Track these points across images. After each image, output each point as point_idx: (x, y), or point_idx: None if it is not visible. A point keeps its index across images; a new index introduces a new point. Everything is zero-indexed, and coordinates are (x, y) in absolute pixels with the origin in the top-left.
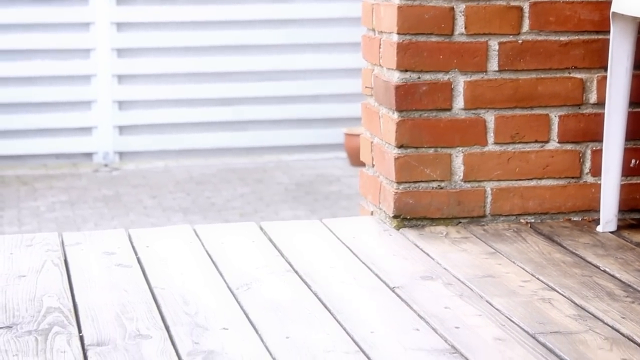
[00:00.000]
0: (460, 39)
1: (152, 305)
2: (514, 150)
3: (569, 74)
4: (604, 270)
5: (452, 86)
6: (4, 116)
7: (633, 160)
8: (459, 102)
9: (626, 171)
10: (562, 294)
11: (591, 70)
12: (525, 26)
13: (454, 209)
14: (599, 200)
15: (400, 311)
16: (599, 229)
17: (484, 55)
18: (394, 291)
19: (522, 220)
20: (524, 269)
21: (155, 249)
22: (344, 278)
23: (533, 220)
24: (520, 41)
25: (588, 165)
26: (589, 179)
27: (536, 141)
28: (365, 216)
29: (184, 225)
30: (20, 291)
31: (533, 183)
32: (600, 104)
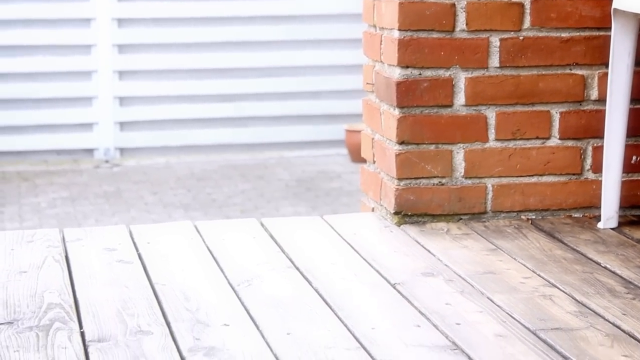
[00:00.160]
0: (461, 35)
1: (153, 302)
2: (515, 147)
3: (570, 70)
4: (605, 267)
5: (453, 82)
6: (4, 112)
7: (634, 157)
8: (460, 99)
9: (627, 168)
10: (563, 290)
11: (592, 66)
12: (527, 22)
13: (455, 205)
14: (599, 196)
15: (401, 307)
16: (600, 225)
17: (485, 52)
18: (394, 287)
19: (523, 217)
20: (524, 266)
21: (156, 245)
22: (345, 274)
23: (534, 217)
24: (521, 37)
25: (589, 161)
26: (590, 176)
27: (537, 138)
28: (366, 212)
29: (184, 222)
30: (21, 287)
31: (534, 179)
32: (602, 100)
